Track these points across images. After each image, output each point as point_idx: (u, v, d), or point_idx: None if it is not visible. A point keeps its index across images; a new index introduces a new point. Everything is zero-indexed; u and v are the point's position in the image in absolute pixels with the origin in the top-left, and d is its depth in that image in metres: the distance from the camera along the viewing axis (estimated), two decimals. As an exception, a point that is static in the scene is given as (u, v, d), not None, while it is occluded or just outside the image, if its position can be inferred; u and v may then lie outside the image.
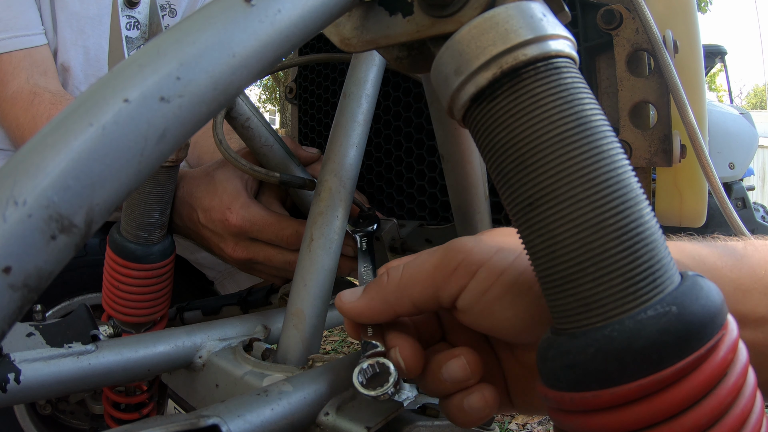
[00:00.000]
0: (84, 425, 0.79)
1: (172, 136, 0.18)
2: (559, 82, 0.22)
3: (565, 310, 0.22)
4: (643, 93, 0.48)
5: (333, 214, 0.47)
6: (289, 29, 0.21)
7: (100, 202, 0.18)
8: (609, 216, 0.21)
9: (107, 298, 0.57)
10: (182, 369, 0.48)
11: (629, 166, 0.22)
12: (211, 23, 0.20)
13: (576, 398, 0.21)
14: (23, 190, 0.17)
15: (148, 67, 0.18)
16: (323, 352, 0.44)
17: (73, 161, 0.17)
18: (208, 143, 0.88)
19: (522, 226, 0.23)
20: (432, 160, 0.63)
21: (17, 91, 0.78)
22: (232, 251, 0.59)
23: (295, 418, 0.34)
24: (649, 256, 0.21)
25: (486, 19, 0.24)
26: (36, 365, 0.39)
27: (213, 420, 0.30)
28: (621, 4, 0.48)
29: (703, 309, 0.21)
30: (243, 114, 0.53)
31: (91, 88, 0.19)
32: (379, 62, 0.54)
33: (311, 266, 0.46)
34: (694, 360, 0.20)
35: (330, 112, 0.75)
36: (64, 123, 0.18)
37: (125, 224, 0.56)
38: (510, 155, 0.23)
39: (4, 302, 0.16)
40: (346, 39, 0.30)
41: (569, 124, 0.22)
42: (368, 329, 0.33)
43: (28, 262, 0.17)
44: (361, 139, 0.51)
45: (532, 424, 1.54)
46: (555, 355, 0.22)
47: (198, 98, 0.19)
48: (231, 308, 0.69)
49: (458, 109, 0.25)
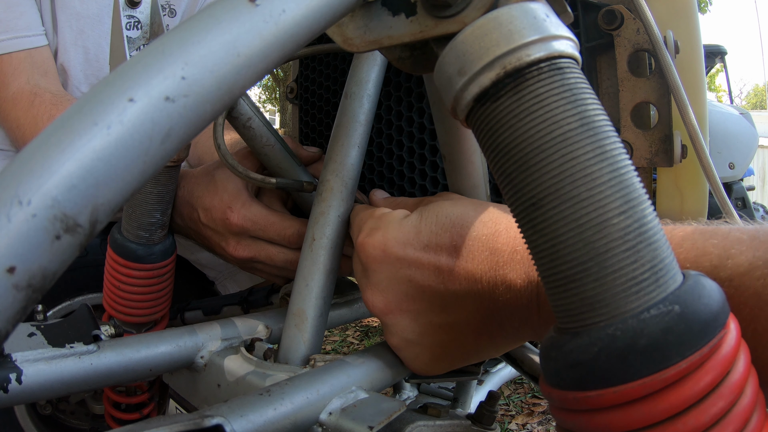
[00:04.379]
0: (84, 425, 0.79)
1: (176, 136, 0.18)
2: (562, 83, 0.22)
3: (568, 309, 0.22)
4: (644, 93, 0.48)
5: (334, 214, 0.47)
6: (293, 29, 0.21)
7: (104, 201, 0.18)
8: (612, 216, 0.21)
9: (108, 298, 0.57)
10: (184, 369, 0.48)
11: (632, 166, 0.23)
12: (216, 23, 0.20)
13: (579, 397, 0.21)
14: (28, 190, 0.17)
15: (153, 66, 0.18)
16: (323, 352, 0.44)
17: (77, 161, 0.17)
18: (208, 143, 0.88)
19: (525, 226, 0.23)
20: (433, 160, 0.63)
21: (18, 92, 0.78)
22: (234, 250, 0.59)
23: (298, 417, 0.35)
24: (651, 255, 0.21)
25: (489, 19, 0.24)
26: (38, 365, 0.39)
27: (216, 420, 0.30)
28: (622, 5, 0.48)
29: (706, 308, 0.21)
30: (244, 114, 0.53)
31: (96, 87, 0.19)
32: (381, 62, 0.54)
33: (313, 266, 0.46)
34: (697, 359, 0.20)
35: (331, 112, 0.75)
36: (69, 122, 0.18)
37: (126, 224, 0.56)
38: (513, 155, 0.23)
39: (8, 302, 0.16)
40: (349, 39, 0.30)
41: (572, 125, 0.22)
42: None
43: (32, 261, 0.17)
44: (363, 139, 0.51)
45: (532, 424, 1.54)
46: (558, 354, 0.22)
47: (203, 98, 0.19)
48: (232, 308, 0.69)
49: (461, 110, 0.25)
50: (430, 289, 0.38)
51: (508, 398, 1.70)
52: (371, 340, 2.16)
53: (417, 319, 0.39)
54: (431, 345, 0.40)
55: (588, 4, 0.50)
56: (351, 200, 0.49)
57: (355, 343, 2.13)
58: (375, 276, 0.40)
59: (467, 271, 0.36)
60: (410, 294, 0.39)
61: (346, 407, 0.36)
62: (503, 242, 0.36)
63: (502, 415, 1.59)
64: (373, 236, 0.40)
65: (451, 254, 0.37)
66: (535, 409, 1.63)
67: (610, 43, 0.49)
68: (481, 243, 0.36)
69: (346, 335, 2.22)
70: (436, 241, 0.38)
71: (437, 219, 0.39)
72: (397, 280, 0.39)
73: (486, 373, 0.91)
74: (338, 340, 2.17)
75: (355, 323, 2.35)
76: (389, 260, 0.39)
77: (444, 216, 0.38)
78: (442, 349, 0.40)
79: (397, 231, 0.39)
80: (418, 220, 0.39)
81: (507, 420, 1.56)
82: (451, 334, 0.39)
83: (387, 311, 0.40)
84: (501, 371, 0.92)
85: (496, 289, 0.35)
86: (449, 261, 0.37)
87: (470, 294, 0.36)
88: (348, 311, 0.62)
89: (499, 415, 1.57)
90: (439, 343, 0.40)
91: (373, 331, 2.26)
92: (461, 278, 0.36)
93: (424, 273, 0.38)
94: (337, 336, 2.21)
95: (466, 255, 0.36)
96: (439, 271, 0.37)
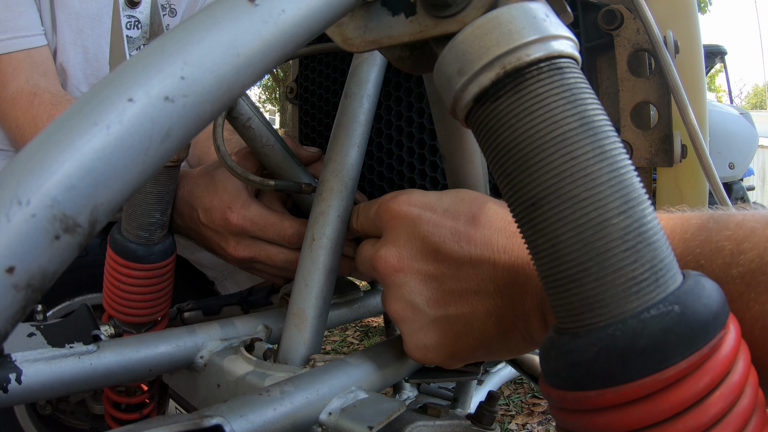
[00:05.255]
0: (84, 425, 0.79)
1: (176, 136, 0.18)
2: (562, 83, 0.22)
3: (568, 310, 0.22)
4: (644, 93, 0.48)
5: (334, 214, 0.47)
6: (293, 29, 0.21)
7: (104, 201, 0.18)
8: (612, 216, 0.21)
9: (108, 298, 0.57)
10: (183, 369, 0.48)
11: (631, 166, 0.23)
12: (216, 23, 0.20)
13: (579, 397, 0.21)
14: (27, 190, 0.17)
15: (152, 66, 0.18)
16: (323, 352, 0.44)
17: (77, 161, 0.17)
18: (208, 143, 0.88)
19: (525, 226, 0.23)
20: (433, 160, 0.63)
21: (17, 92, 0.78)
22: (234, 250, 0.59)
23: (298, 417, 0.35)
24: (651, 255, 0.21)
25: (489, 19, 0.24)
26: (37, 365, 0.39)
27: (216, 420, 0.30)
28: (622, 5, 0.48)
29: (706, 308, 0.21)
30: (244, 114, 0.53)
31: (96, 87, 0.19)
32: (381, 62, 0.54)
33: (312, 266, 0.46)
34: (697, 359, 0.20)
35: (331, 112, 0.75)
36: (69, 122, 0.18)
37: (126, 224, 0.56)
38: (513, 155, 0.23)
39: (7, 302, 0.16)
40: (348, 39, 0.30)
41: (572, 124, 0.22)
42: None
43: (31, 262, 0.17)
44: (363, 139, 0.51)
45: (532, 424, 1.54)
46: (558, 354, 0.22)
47: (202, 98, 0.19)
48: (232, 308, 0.69)
49: (461, 109, 0.25)
50: (446, 250, 0.38)
51: (508, 398, 1.70)
52: (371, 340, 2.16)
53: (427, 282, 0.39)
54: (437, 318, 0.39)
55: (588, 4, 0.50)
56: (351, 200, 0.49)
57: (355, 343, 2.13)
58: (392, 232, 0.41)
59: (484, 237, 0.37)
60: (425, 252, 0.39)
61: (346, 407, 0.36)
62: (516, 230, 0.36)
63: (502, 415, 1.59)
64: (397, 198, 0.42)
65: (469, 221, 0.38)
66: (535, 409, 1.63)
67: (610, 43, 0.49)
68: (499, 216, 0.38)
69: (346, 335, 2.23)
70: (456, 208, 0.40)
71: (458, 194, 0.41)
72: (414, 236, 0.40)
73: (486, 373, 0.91)
74: (338, 340, 2.17)
75: (355, 323, 2.35)
76: (410, 217, 0.40)
77: (465, 193, 0.41)
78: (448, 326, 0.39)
79: (420, 195, 0.42)
80: (440, 193, 0.42)
81: (507, 420, 1.56)
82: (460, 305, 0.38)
83: (399, 267, 0.40)
84: (501, 371, 0.92)
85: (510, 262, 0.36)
86: (467, 227, 0.38)
87: (484, 260, 0.37)
88: (348, 311, 0.62)
89: (499, 415, 1.58)
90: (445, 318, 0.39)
91: (373, 331, 2.26)
92: (477, 243, 0.37)
93: (443, 232, 0.39)
94: (337, 336, 2.21)
95: (484, 222, 0.38)
96: (456, 233, 0.38)
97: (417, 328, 0.40)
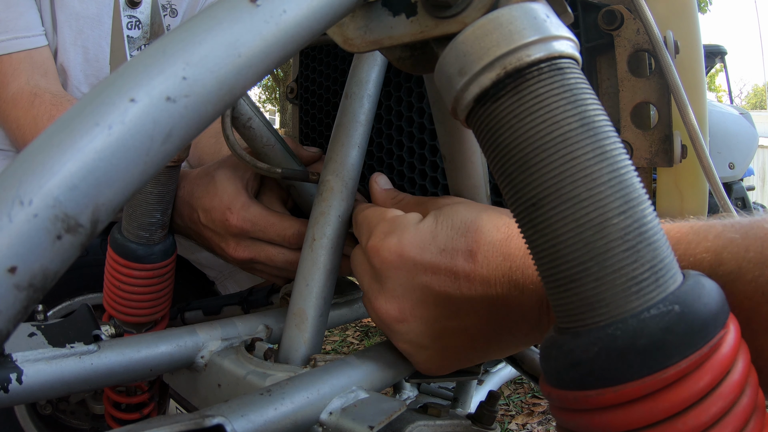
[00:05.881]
0: (84, 425, 0.79)
1: (177, 136, 0.19)
2: (562, 83, 0.23)
3: (568, 309, 0.22)
4: (644, 93, 0.48)
5: (335, 214, 0.47)
6: (294, 29, 0.21)
7: (105, 201, 0.18)
8: (612, 216, 0.21)
9: (108, 298, 0.57)
10: (184, 369, 0.48)
11: (632, 166, 0.23)
12: (217, 23, 0.20)
13: (579, 397, 0.21)
14: (29, 190, 0.17)
15: (154, 67, 0.18)
16: (323, 352, 0.44)
17: (79, 161, 0.17)
18: (209, 144, 0.88)
19: (525, 226, 0.23)
20: (433, 161, 0.63)
21: (17, 93, 0.78)
22: (234, 251, 0.59)
23: (298, 417, 0.35)
24: (651, 255, 0.21)
25: (490, 20, 0.24)
26: (38, 365, 0.39)
27: (217, 420, 0.30)
28: (622, 5, 0.48)
29: (706, 308, 0.21)
30: (245, 114, 0.53)
31: (97, 87, 0.19)
32: (381, 62, 0.54)
33: (313, 266, 0.46)
34: (697, 358, 0.20)
35: (331, 112, 0.75)
36: (70, 122, 0.18)
37: (126, 224, 0.56)
38: (514, 155, 0.23)
39: (9, 302, 0.16)
40: (349, 39, 0.30)
41: (573, 125, 0.22)
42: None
43: (33, 261, 0.17)
44: (363, 139, 0.51)
45: (532, 424, 1.55)
46: (558, 353, 0.22)
47: (204, 98, 0.19)
48: (232, 308, 0.69)
49: (462, 110, 0.25)
50: (446, 295, 0.37)
51: (508, 398, 1.70)
52: (371, 340, 2.16)
53: (431, 324, 0.39)
54: (443, 348, 0.40)
55: (588, 4, 0.50)
56: (351, 200, 0.49)
57: (355, 343, 2.13)
58: (389, 282, 0.40)
59: (482, 277, 0.36)
60: (426, 301, 0.38)
61: (347, 407, 0.36)
62: (515, 246, 0.36)
63: (502, 415, 1.59)
64: (388, 240, 0.40)
65: (467, 259, 0.37)
66: (535, 409, 1.63)
67: (610, 44, 0.49)
68: (495, 248, 0.36)
69: (346, 335, 2.23)
70: (453, 245, 0.37)
71: (453, 223, 0.38)
72: (413, 287, 0.38)
73: (486, 373, 0.91)
74: (338, 340, 2.17)
75: (355, 323, 2.35)
76: (406, 266, 0.38)
77: (459, 220, 0.38)
78: (453, 352, 0.40)
79: (413, 235, 0.39)
80: (433, 225, 0.39)
81: (507, 420, 1.56)
82: (464, 337, 0.39)
83: (401, 318, 0.39)
84: (501, 371, 0.92)
85: (509, 293, 0.35)
86: (465, 266, 0.37)
87: (484, 299, 0.36)
88: (348, 311, 0.62)
89: (499, 415, 1.58)
90: (451, 347, 0.40)
91: (373, 331, 2.26)
92: (476, 283, 0.36)
93: (441, 278, 0.37)
94: (337, 336, 2.21)
95: (482, 260, 0.36)
96: (455, 276, 0.37)
97: (425, 358, 0.42)
